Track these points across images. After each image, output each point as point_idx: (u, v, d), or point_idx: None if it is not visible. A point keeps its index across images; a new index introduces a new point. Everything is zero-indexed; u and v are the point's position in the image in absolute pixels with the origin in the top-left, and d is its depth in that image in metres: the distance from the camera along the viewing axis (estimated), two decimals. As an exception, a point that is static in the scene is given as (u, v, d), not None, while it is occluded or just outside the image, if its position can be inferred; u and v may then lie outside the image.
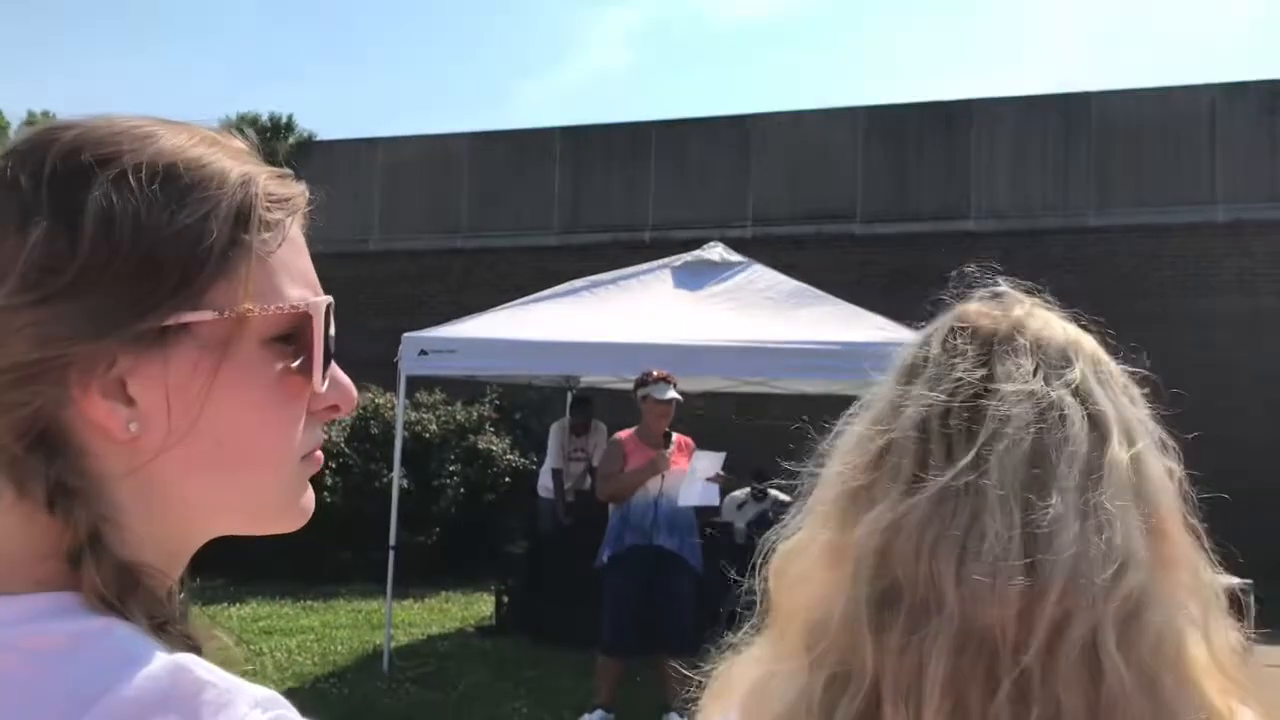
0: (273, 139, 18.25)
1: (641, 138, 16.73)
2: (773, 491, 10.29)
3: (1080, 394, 1.00)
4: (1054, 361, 1.02)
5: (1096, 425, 0.99)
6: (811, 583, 1.02)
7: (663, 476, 6.74)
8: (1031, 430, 0.96)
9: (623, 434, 7.02)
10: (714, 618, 7.62)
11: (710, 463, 7.01)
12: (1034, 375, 1.00)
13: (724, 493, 9.15)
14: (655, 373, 6.88)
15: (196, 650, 0.72)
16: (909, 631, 0.92)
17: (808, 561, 1.03)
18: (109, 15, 48.57)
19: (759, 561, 1.11)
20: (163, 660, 0.68)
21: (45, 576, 0.71)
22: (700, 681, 1.15)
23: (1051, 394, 0.99)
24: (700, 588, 6.84)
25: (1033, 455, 0.96)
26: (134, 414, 0.72)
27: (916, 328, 1.17)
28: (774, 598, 1.07)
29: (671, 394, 6.79)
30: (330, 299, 0.80)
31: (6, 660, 0.67)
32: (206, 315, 0.73)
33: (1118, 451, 0.98)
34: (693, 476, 6.92)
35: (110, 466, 0.73)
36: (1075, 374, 1.02)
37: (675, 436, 6.91)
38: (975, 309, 1.11)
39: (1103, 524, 0.93)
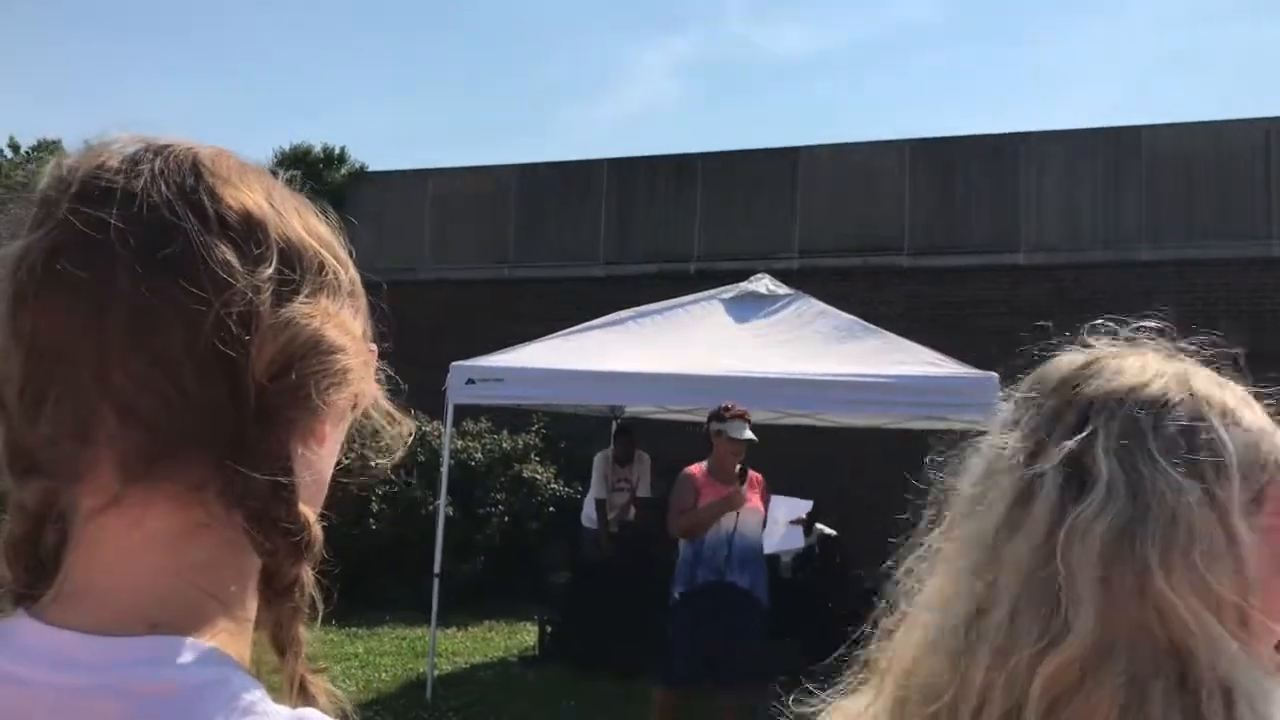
0: (325, 170, 18.53)
1: (688, 169, 16.78)
2: (818, 525, 10.21)
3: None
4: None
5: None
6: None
7: (737, 513, 6.63)
8: None
9: (693, 469, 6.86)
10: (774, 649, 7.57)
11: (790, 509, 6.95)
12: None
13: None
14: (732, 408, 6.74)
15: (312, 703, 0.72)
16: None
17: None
18: (158, 44, 49.64)
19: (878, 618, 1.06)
20: (284, 714, 0.67)
21: (163, 619, 0.68)
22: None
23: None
24: (765, 620, 6.82)
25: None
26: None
27: (971, 361, 1.14)
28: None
29: (747, 434, 6.68)
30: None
31: (116, 707, 0.64)
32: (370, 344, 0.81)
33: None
34: (773, 525, 6.84)
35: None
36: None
37: (749, 473, 6.79)
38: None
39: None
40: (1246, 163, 14.26)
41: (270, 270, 0.71)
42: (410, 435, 0.85)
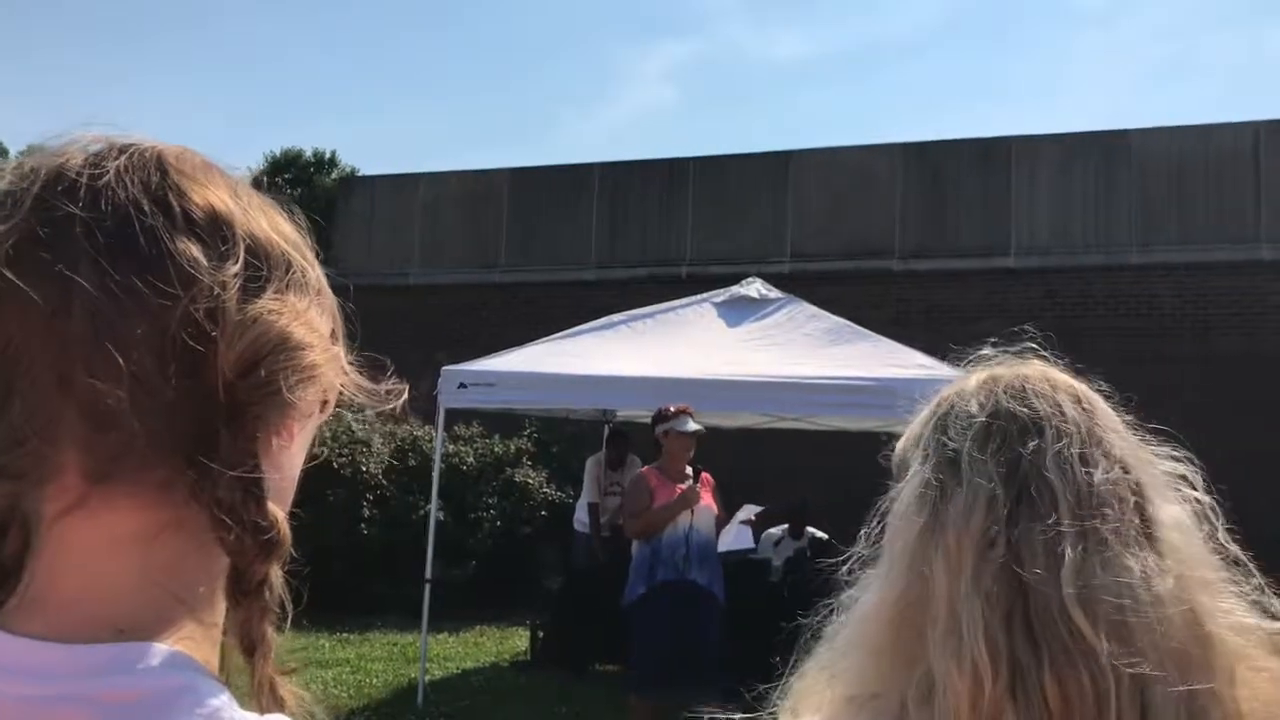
0: (316, 174, 18.52)
1: (679, 173, 16.80)
2: (809, 529, 10.21)
3: None
4: None
5: None
6: None
7: (692, 511, 6.67)
8: None
9: (645, 470, 6.96)
10: (744, 656, 7.55)
11: (747, 512, 6.99)
12: None
13: (759, 531, 9.12)
14: (673, 407, 6.82)
15: (281, 706, 0.72)
16: None
17: None
18: (150, 51, 49.54)
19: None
20: (251, 719, 0.67)
21: (129, 623, 0.67)
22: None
23: None
24: (723, 620, 6.81)
25: None
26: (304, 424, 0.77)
27: (957, 364, 1.17)
28: None
29: (693, 426, 6.74)
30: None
31: (81, 716, 0.64)
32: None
33: None
34: (732, 526, 6.88)
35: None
36: None
37: (701, 473, 6.81)
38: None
39: None
40: (1236, 165, 14.31)
41: (237, 267, 0.70)
42: (400, 392, 0.83)
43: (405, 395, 0.84)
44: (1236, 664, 0.99)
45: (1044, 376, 1.12)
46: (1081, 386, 1.13)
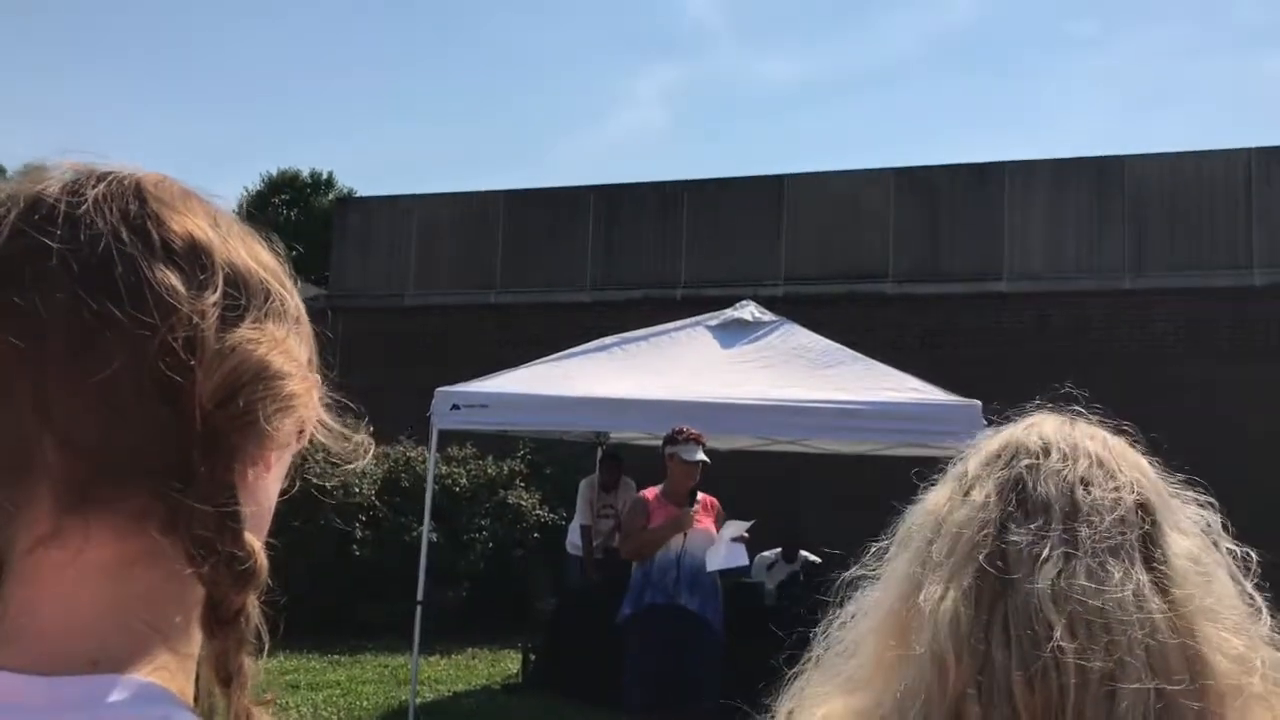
0: (312, 195, 18.55)
1: (674, 196, 16.85)
2: (803, 552, 10.20)
3: None
4: None
5: None
6: None
7: (685, 535, 6.64)
8: None
9: (647, 492, 6.94)
10: (738, 680, 7.50)
11: (737, 528, 6.95)
12: None
13: (752, 553, 9.06)
14: (685, 431, 6.77)
15: None
16: None
17: None
18: (148, 72, 49.67)
19: None
20: None
21: (104, 655, 0.66)
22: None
23: None
24: (722, 651, 6.76)
25: None
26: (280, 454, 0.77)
27: (954, 388, 1.19)
28: None
29: (700, 456, 6.69)
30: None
31: None
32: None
33: None
34: (719, 542, 6.85)
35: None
36: None
37: (700, 495, 6.82)
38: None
39: None
40: (1228, 191, 14.39)
41: (215, 296, 0.70)
42: (367, 448, 0.83)
43: (371, 451, 0.84)
44: (1230, 693, 0.97)
45: (1072, 420, 1.17)
46: (1113, 438, 1.16)
